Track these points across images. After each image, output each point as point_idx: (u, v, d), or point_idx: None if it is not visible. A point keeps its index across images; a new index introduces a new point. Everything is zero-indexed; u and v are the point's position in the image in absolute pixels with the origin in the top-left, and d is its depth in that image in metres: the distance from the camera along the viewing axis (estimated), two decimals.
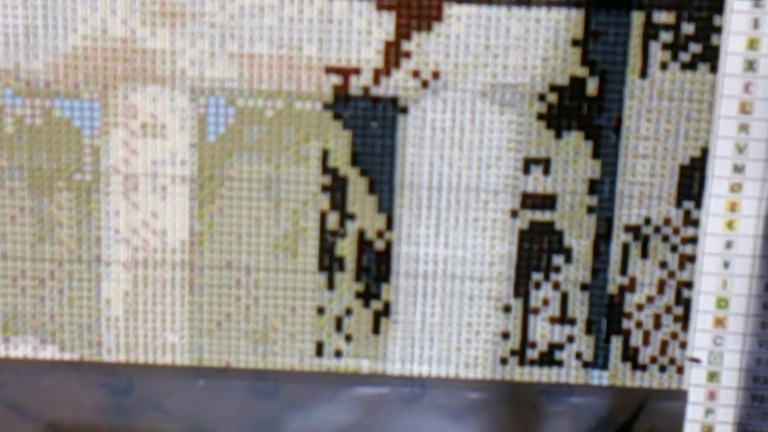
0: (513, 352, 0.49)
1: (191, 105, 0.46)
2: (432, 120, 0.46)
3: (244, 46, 0.46)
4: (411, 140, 0.46)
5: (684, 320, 0.48)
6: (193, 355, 0.49)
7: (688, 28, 0.45)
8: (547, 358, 0.49)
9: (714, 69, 0.46)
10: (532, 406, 0.49)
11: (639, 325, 0.48)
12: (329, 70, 0.46)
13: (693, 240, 0.47)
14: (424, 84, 0.46)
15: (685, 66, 0.46)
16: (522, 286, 0.48)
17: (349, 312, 0.48)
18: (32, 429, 0.49)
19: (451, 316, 0.48)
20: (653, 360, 0.48)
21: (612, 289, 0.48)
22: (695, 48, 0.45)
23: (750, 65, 0.45)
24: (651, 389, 0.49)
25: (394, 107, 0.46)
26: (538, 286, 0.48)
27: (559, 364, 0.49)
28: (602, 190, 0.47)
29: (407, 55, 0.46)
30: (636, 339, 0.48)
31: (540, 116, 0.46)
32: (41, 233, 0.47)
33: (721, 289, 0.48)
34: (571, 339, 0.48)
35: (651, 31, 0.45)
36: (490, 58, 0.46)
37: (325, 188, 0.47)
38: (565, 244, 0.47)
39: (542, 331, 0.48)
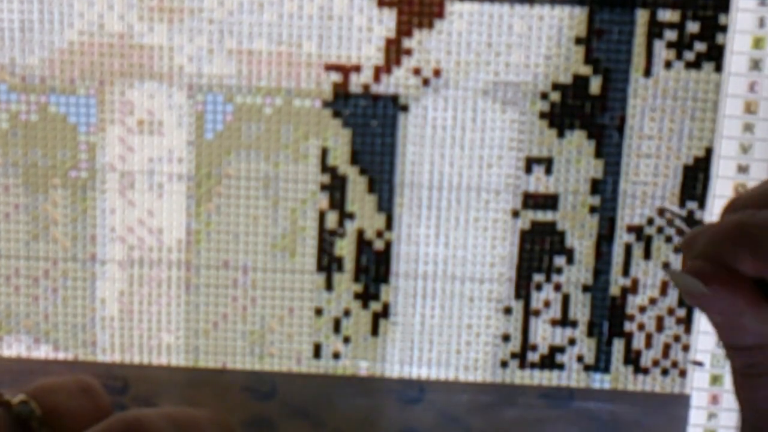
0: (513, 355, 0.48)
1: (189, 102, 0.46)
2: (433, 118, 0.46)
3: (243, 42, 0.45)
4: (411, 139, 0.46)
5: (687, 323, 0.48)
6: (188, 356, 0.48)
7: (692, 27, 0.45)
8: (548, 361, 0.48)
9: (719, 68, 0.45)
10: (533, 410, 0.48)
11: (641, 327, 0.48)
12: (329, 67, 0.46)
13: None
14: (425, 82, 0.45)
15: (690, 65, 0.45)
16: (523, 288, 0.47)
17: (347, 313, 0.48)
18: None
19: (451, 317, 0.48)
20: (655, 363, 0.48)
21: (614, 290, 0.47)
22: (700, 47, 0.45)
23: (755, 64, 0.45)
24: (653, 393, 0.48)
25: (395, 105, 0.46)
26: (539, 287, 0.47)
27: (560, 367, 0.48)
28: (605, 190, 0.46)
29: (408, 52, 0.45)
30: (638, 342, 0.48)
31: (542, 115, 0.46)
32: (36, 231, 0.47)
33: None
34: (572, 342, 0.48)
35: (655, 30, 0.45)
36: (492, 55, 0.45)
37: (324, 187, 0.47)
38: (567, 244, 0.47)
39: (543, 334, 0.48)
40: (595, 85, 0.45)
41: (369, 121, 0.46)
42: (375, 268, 0.47)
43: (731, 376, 0.34)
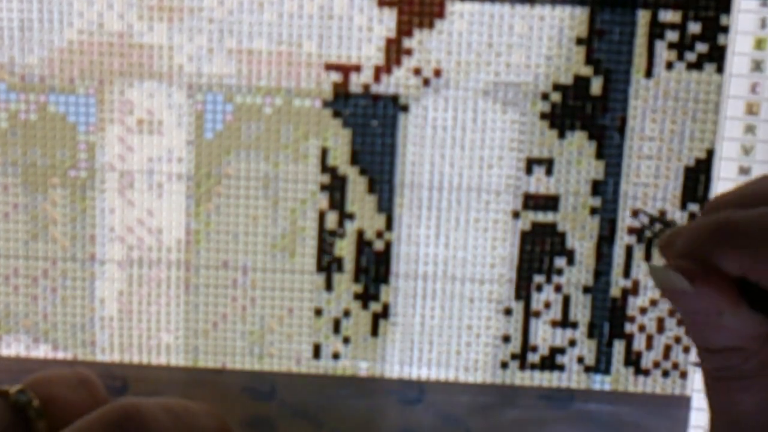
0: (514, 356, 0.48)
1: (188, 101, 0.46)
2: (433, 119, 0.46)
3: (243, 41, 0.45)
4: (412, 139, 0.46)
5: None
6: (188, 356, 0.48)
7: (694, 28, 0.45)
8: (549, 363, 0.48)
9: (720, 69, 0.45)
10: (533, 411, 0.48)
11: (642, 329, 0.47)
12: (329, 67, 0.45)
13: None
14: (426, 82, 0.45)
15: (691, 66, 0.45)
16: (523, 289, 0.47)
17: (347, 313, 0.48)
18: None
19: (451, 318, 0.48)
20: (656, 365, 0.48)
21: (615, 292, 0.47)
22: (701, 48, 0.45)
23: (757, 65, 0.45)
24: (654, 394, 0.48)
25: (395, 105, 0.46)
26: (539, 288, 0.47)
27: (561, 368, 0.48)
28: (606, 192, 0.46)
29: (408, 52, 0.45)
30: (639, 343, 0.48)
31: (543, 116, 0.46)
32: (35, 231, 0.47)
33: None
34: (572, 343, 0.48)
35: (656, 30, 0.45)
36: (493, 56, 0.45)
37: (324, 187, 0.46)
38: (568, 246, 0.47)
39: (543, 335, 0.48)
40: (596, 86, 0.45)
41: (369, 121, 0.46)
42: (375, 268, 0.47)
43: (703, 379, 0.34)
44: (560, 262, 0.47)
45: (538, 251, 0.47)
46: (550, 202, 0.46)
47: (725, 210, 0.32)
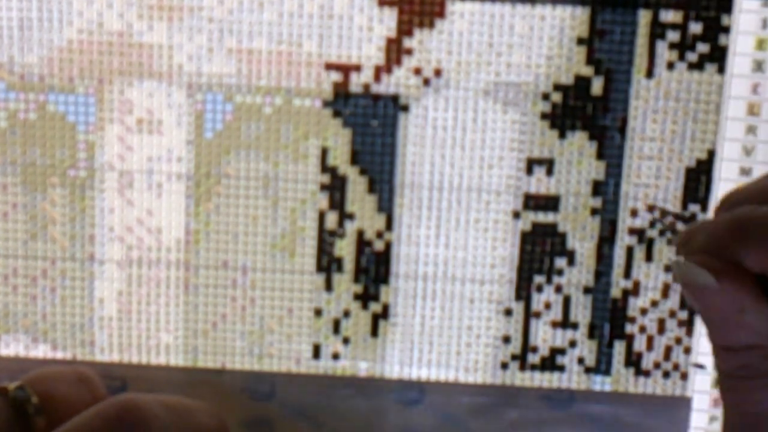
0: (514, 357, 0.48)
1: (188, 101, 0.46)
2: (433, 119, 0.46)
3: (243, 41, 0.45)
4: (412, 139, 0.46)
5: (689, 325, 0.47)
6: (187, 356, 0.48)
7: (695, 28, 0.45)
8: (549, 363, 0.48)
9: (722, 69, 0.45)
10: (533, 412, 0.48)
11: (643, 329, 0.47)
12: (329, 66, 0.45)
13: None
14: (426, 82, 0.45)
15: (692, 66, 0.45)
16: (524, 289, 0.47)
17: (347, 314, 0.48)
18: None
19: (451, 318, 0.47)
20: (657, 366, 0.48)
21: (615, 292, 0.47)
22: (703, 48, 0.45)
23: (758, 66, 0.45)
24: (654, 395, 0.48)
25: (395, 105, 0.46)
26: (540, 289, 0.47)
27: (561, 369, 0.48)
28: (606, 192, 0.46)
29: (409, 52, 0.45)
30: (639, 344, 0.47)
31: (544, 116, 0.45)
32: (34, 230, 0.47)
33: None
34: (573, 344, 0.48)
35: (658, 30, 0.45)
36: (494, 56, 0.45)
37: (324, 187, 0.46)
38: (568, 246, 0.47)
39: (544, 336, 0.48)
40: (596, 86, 0.45)
41: (369, 121, 0.46)
42: (375, 268, 0.47)
43: (718, 378, 0.33)
44: (561, 262, 0.47)
45: (539, 252, 0.47)
46: (550, 203, 0.46)
47: (744, 206, 0.31)
